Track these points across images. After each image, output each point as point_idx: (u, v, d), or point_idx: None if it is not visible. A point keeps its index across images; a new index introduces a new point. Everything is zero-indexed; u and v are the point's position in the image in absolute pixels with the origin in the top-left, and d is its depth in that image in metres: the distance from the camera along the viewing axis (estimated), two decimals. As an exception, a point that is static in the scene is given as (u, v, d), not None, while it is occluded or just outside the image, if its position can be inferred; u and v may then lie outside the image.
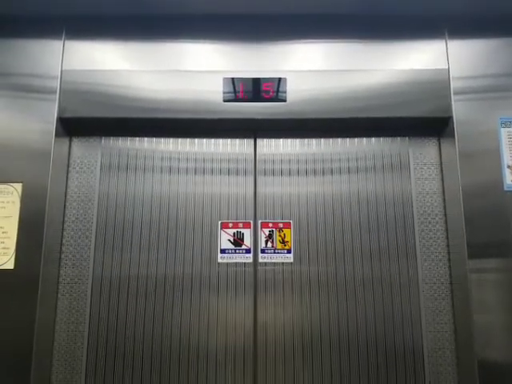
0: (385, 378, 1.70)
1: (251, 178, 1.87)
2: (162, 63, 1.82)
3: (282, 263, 1.79)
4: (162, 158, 1.88)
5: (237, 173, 1.87)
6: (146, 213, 1.83)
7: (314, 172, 1.87)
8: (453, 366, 1.71)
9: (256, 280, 1.78)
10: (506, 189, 1.68)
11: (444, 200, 1.83)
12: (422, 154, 1.88)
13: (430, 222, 1.82)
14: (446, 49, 1.82)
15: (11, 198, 1.66)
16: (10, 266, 1.61)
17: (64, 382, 1.71)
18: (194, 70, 1.81)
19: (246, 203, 1.85)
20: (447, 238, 1.80)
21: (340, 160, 1.88)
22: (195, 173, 1.87)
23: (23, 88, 1.77)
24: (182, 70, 1.81)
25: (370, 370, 1.71)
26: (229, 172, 1.87)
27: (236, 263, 1.79)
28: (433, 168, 1.87)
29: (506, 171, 1.69)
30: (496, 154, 1.71)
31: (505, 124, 1.72)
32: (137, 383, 1.70)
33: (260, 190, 1.86)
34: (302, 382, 1.71)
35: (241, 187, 1.86)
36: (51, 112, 1.74)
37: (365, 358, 1.72)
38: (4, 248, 1.63)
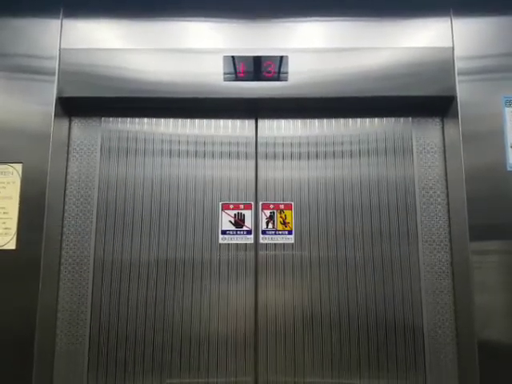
0: (385, 358, 1.72)
1: (252, 160, 1.85)
2: (162, 41, 1.79)
3: (283, 244, 1.79)
4: (162, 141, 1.86)
5: (238, 154, 1.86)
6: (147, 194, 1.82)
7: (316, 155, 1.86)
8: (453, 346, 1.72)
9: (257, 261, 1.78)
10: (508, 169, 1.66)
11: (446, 181, 1.82)
12: (425, 135, 1.86)
13: (431, 203, 1.81)
14: (451, 27, 1.78)
15: (11, 178, 1.66)
16: (12, 246, 1.62)
17: (67, 363, 1.72)
18: (194, 48, 1.78)
19: (247, 185, 1.84)
20: (449, 219, 1.79)
21: (342, 142, 1.86)
22: (196, 155, 1.86)
23: (21, 68, 1.74)
24: (182, 48, 1.79)
25: (370, 351, 1.72)
26: (229, 153, 1.86)
27: (237, 244, 1.79)
28: (436, 149, 1.85)
29: (510, 151, 1.67)
30: (500, 134, 1.69)
31: (509, 103, 1.70)
32: (139, 365, 1.72)
33: (261, 171, 1.85)
34: (303, 363, 1.72)
35: (241, 169, 1.85)
36: (50, 92, 1.72)
37: (365, 338, 1.73)
38: (5, 228, 1.63)
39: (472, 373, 1.60)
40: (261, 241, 1.79)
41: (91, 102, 1.80)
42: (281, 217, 1.81)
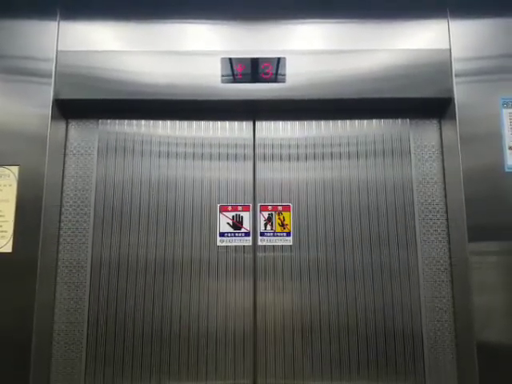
0: (384, 360, 1.71)
1: (250, 161, 1.85)
2: (159, 44, 1.79)
3: (282, 246, 1.78)
4: (159, 143, 1.86)
5: (236, 156, 1.85)
6: (145, 197, 1.81)
7: (314, 156, 1.86)
8: (452, 347, 1.72)
9: (255, 263, 1.77)
10: (506, 170, 1.66)
11: (444, 182, 1.82)
12: (423, 137, 1.86)
13: (429, 204, 1.81)
14: (448, 29, 1.79)
15: (8, 181, 1.65)
16: (8, 249, 1.61)
17: (65, 364, 1.71)
18: (192, 50, 1.78)
19: (245, 186, 1.83)
20: (447, 220, 1.79)
21: (340, 144, 1.86)
22: (193, 157, 1.85)
23: (17, 70, 1.74)
24: (180, 50, 1.78)
25: (369, 353, 1.72)
26: (227, 155, 1.85)
27: (235, 246, 1.78)
28: (433, 150, 1.85)
29: (507, 152, 1.67)
30: (497, 136, 1.69)
31: (506, 104, 1.70)
32: (137, 365, 1.71)
33: (259, 173, 1.84)
34: (302, 365, 1.71)
35: (240, 170, 1.84)
36: (47, 94, 1.72)
37: (364, 340, 1.73)
38: (2, 231, 1.61)
39: (471, 374, 1.60)
40: (259, 243, 1.79)
41: (88, 104, 1.79)
42: (279, 218, 1.80)
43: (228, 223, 1.80)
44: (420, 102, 1.79)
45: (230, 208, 1.81)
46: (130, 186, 1.82)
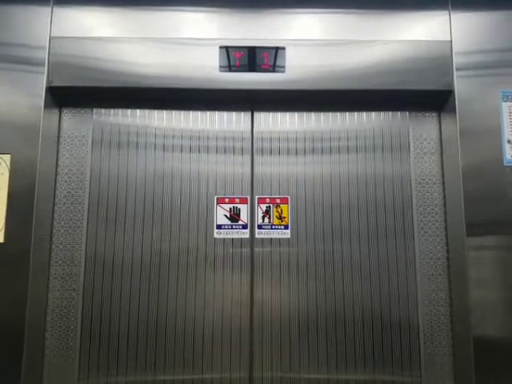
0: (380, 354, 1.71)
1: (248, 153, 1.82)
2: (156, 31, 1.75)
3: (279, 239, 1.77)
4: (155, 134, 1.82)
5: (233, 147, 1.82)
6: (140, 188, 1.78)
7: (313, 149, 1.84)
8: (448, 341, 1.72)
9: (253, 255, 1.76)
10: (505, 164, 1.66)
11: (443, 176, 1.81)
12: (422, 130, 1.85)
13: (428, 198, 1.80)
14: (450, 20, 1.77)
15: (-1, 169, 1.61)
16: (0, 239, 1.57)
17: (57, 357, 1.69)
18: (189, 37, 1.75)
19: (243, 178, 1.81)
20: (445, 214, 1.79)
21: (339, 137, 1.84)
22: (190, 148, 1.82)
23: (9, 57, 1.69)
24: (177, 37, 1.75)
25: (365, 346, 1.71)
26: (225, 146, 1.82)
27: (232, 239, 1.76)
28: (433, 143, 1.84)
29: (506, 146, 1.66)
30: (497, 129, 1.68)
31: (506, 98, 1.69)
32: (132, 359, 1.69)
33: (257, 165, 1.82)
34: (299, 359, 1.71)
35: (237, 162, 1.82)
36: (40, 81, 1.67)
37: (361, 334, 1.72)
38: (-7, 221, 1.58)
39: (467, 367, 1.60)
40: (257, 235, 1.77)
41: (82, 91, 1.75)
42: (277, 211, 1.78)
43: (225, 215, 1.77)
44: (420, 94, 1.77)
45: (227, 200, 1.79)
46: (125, 177, 1.79)
